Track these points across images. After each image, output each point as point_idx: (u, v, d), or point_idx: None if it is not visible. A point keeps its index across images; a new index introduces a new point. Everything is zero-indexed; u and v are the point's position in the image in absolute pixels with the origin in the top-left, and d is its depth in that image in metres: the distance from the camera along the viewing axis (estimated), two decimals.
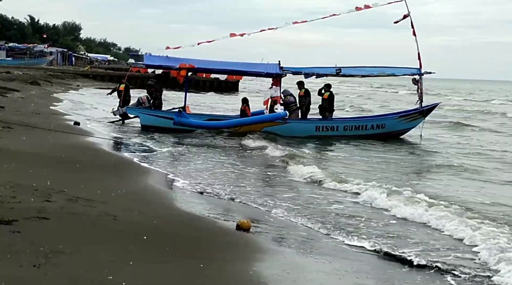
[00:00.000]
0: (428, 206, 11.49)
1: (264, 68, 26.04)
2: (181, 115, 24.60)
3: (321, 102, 26.53)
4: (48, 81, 52.12)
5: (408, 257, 8.48)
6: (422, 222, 10.81)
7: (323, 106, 26.32)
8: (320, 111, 26.59)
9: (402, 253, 8.73)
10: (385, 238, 9.65)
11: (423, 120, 25.79)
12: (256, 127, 24.68)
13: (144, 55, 28.84)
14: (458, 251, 9.13)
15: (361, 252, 8.90)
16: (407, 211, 11.39)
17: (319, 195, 13.06)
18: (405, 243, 9.42)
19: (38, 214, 8.09)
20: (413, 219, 11.00)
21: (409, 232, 10.20)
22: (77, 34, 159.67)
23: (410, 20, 25.24)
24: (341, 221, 10.70)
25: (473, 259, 8.68)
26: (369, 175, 15.81)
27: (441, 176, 16.30)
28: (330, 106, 26.17)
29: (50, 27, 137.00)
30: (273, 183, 14.53)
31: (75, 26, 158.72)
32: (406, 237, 9.87)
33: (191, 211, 10.48)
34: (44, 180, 10.55)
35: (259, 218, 10.52)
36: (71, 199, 9.43)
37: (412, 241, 9.60)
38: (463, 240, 9.61)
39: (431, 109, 26.36)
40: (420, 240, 9.67)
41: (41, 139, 16.68)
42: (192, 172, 15.26)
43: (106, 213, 8.82)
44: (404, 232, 10.17)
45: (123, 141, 20.99)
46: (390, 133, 25.42)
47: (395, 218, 11.13)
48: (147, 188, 12.23)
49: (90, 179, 11.78)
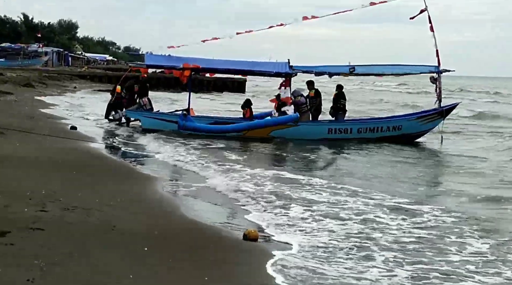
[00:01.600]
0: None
1: (273, 67, 26.05)
2: (186, 119, 24.63)
3: (333, 103, 26.56)
4: (43, 83, 52.22)
5: None
6: None
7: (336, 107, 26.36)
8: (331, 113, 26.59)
9: None
10: None
11: (442, 121, 25.70)
12: (264, 131, 24.65)
13: (145, 55, 28.84)
14: None
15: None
16: None
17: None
18: None
19: (33, 224, 8.12)
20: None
21: None
22: (74, 32, 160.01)
23: (428, 15, 25.18)
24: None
25: None
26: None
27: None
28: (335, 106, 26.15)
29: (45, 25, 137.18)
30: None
31: (71, 24, 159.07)
32: None
33: (195, 219, 10.47)
34: (39, 188, 10.58)
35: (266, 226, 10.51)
36: (67, 208, 9.46)
37: None
38: None
39: (451, 109, 26.25)
40: None
41: (36, 144, 16.72)
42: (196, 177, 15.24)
43: (104, 222, 8.84)
44: None
45: (122, 145, 20.99)
46: (407, 136, 25.31)
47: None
48: (147, 195, 12.24)
49: (87, 186, 11.80)
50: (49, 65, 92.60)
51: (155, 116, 25.75)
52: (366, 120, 28.09)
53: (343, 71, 26.27)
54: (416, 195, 13.78)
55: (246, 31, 27.61)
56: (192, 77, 26.39)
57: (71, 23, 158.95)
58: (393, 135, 25.15)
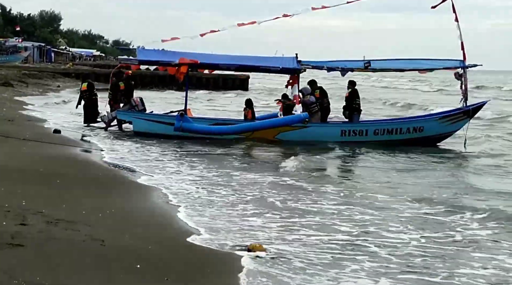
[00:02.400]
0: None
1: (280, 62, 25.96)
2: (183, 119, 24.54)
3: (345, 102, 26.41)
4: (23, 82, 52.31)
5: None
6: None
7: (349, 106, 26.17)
8: (344, 113, 26.45)
9: None
10: None
11: (468, 121, 25.62)
12: (270, 132, 24.56)
13: (137, 49, 28.79)
14: None
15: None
16: None
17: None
18: None
19: (12, 240, 8.11)
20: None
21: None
22: (57, 25, 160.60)
23: (452, 3, 25.14)
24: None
25: None
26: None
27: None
28: (349, 105, 26.01)
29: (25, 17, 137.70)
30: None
31: (54, 16, 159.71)
32: None
33: (193, 232, 10.46)
34: (19, 199, 10.58)
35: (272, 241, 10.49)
36: (50, 221, 9.45)
37: None
38: None
39: (478, 108, 26.16)
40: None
41: (15, 150, 16.72)
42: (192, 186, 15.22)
43: (92, 237, 8.83)
44: None
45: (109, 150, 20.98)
46: (430, 138, 25.25)
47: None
48: (139, 206, 12.23)
49: (72, 196, 11.80)
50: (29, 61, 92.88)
51: (148, 118, 25.67)
52: (384, 121, 28.01)
53: (357, 66, 26.20)
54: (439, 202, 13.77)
55: (249, 22, 27.62)
56: (190, 75, 26.32)
57: (54, 15, 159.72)
58: (414, 137, 25.08)
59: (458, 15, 25.22)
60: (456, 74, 25.61)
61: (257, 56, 27.23)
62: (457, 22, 25.23)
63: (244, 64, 26.65)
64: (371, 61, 25.96)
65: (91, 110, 27.77)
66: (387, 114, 37.93)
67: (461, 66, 25.42)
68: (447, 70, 26.64)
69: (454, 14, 25.22)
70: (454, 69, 25.75)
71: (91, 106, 27.85)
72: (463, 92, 25.51)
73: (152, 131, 24.87)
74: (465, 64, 25.37)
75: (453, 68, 25.81)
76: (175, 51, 26.59)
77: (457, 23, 25.23)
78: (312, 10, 27.29)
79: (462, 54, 25.26)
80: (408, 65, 26.71)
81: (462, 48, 25.21)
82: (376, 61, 26.31)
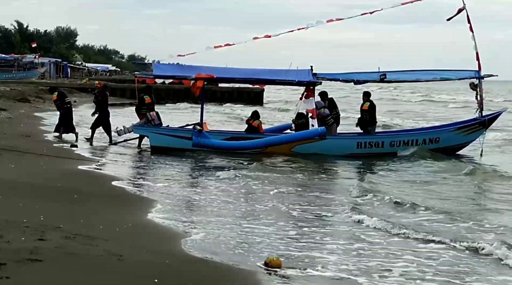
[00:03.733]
0: None
1: (295, 75, 25.87)
2: (201, 135, 24.48)
3: (361, 114, 26.35)
4: (40, 98, 52.52)
5: None
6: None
7: (363, 118, 26.09)
8: (360, 125, 26.35)
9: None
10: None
11: (484, 132, 25.53)
12: (286, 146, 24.51)
13: (153, 64, 28.83)
14: None
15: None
16: None
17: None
18: None
19: (30, 255, 8.12)
20: None
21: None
22: (73, 41, 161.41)
23: (466, 14, 25.08)
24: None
25: None
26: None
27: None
28: (371, 119, 25.95)
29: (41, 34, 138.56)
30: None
31: (70, 31, 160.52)
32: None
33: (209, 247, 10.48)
34: (37, 215, 10.62)
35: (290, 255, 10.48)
36: (68, 236, 9.47)
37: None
38: None
39: (494, 118, 26.06)
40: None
41: (33, 166, 16.81)
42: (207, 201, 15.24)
43: (109, 252, 8.84)
44: None
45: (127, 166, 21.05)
46: (446, 148, 25.15)
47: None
48: (156, 221, 12.23)
49: (90, 211, 11.84)
50: (46, 77, 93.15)
51: (165, 132, 25.62)
52: (400, 133, 27.94)
53: (373, 78, 26.12)
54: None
55: (264, 35, 27.63)
56: (205, 88, 26.30)
57: (70, 31, 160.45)
58: (429, 148, 25.00)
59: (472, 26, 25.17)
60: (471, 84, 25.52)
61: (272, 69, 27.19)
62: (472, 32, 25.17)
63: (260, 77, 26.61)
64: (386, 72, 25.89)
65: (66, 119, 27.25)
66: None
67: (477, 77, 25.33)
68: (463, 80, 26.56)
69: (469, 25, 25.17)
70: (470, 80, 25.69)
71: (65, 115, 27.34)
72: (479, 103, 25.42)
73: (169, 146, 24.84)
74: (481, 75, 25.29)
75: (468, 78, 25.75)
76: (190, 65, 26.57)
77: (472, 33, 25.18)
78: (326, 23, 27.24)
79: (478, 65, 25.18)
80: (424, 76, 26.65)
81: (477, 58, 25.12)
82: (392, 72, 26.25)
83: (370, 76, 26.27)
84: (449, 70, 26.65)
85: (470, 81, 25.64)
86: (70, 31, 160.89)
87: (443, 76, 26.60)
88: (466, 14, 25.06)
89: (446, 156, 24.20)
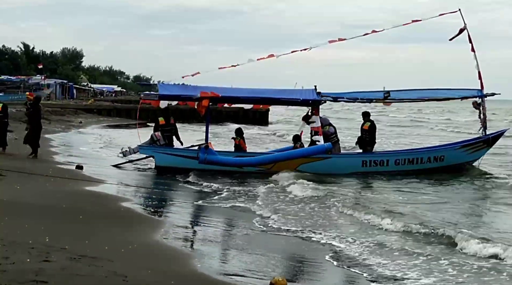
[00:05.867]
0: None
1: (299, 95, 25.92)
2: (207, 151, 24.54)
3: (361, 134, 26.37)
4: (46, 119, 52.36)
5: None
6: None
7: (363, 138, 26.12)
8: (360, 144, 26.41)
9: None
10: None
11: (487, 150, 25.58)
12: (292, 164, 24.48)
13: (158, 85, 28.83)
14: None
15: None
16: None
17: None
18: None
19: (36, 277, 8.12)
20: None
21: None
22: (79, 62, 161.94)
23: (468, 34, 25.14)
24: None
25: None
26: None
27: None
28: (371, 139, 25.99)
29: (47, 55, 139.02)
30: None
31: (76, 53, 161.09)
32: None
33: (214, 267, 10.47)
34: (42, 236, 10.61)
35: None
36: (73, 257, 9.46)
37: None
38: None
39: (498, 137, 26.10)
40: None
41: (38, 187, 16.82)
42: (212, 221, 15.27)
43: (115, 273, 8.83)
44: None
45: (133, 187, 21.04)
46: (450, 167, 25.16)
47: None
48: (160, 242, 12.23)
49: (95, 232, 11.83)
50: (52, 98, 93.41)
51: (170, 152, 25.65)
52: (404, 151, 27.94)
53: (377, 97, 26.13)
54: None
55: (268, 56, 27.71)
56: (210, 108, 26.32)
57: (76, 52, 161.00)
58: (434, 167, 25.00)
59: (474, 46, 25.19)
60: (474, 103, 25.57)
61: (277, 89, 27.29)
62: (473, 52, 25.22)
63: (265, 97, 26.62)
64: (390, 91, 25.91)
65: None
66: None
67: (479, 96, 25.37)
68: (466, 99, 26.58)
69: (471, 45, 25.23)
70: (472, 98, 25.71)
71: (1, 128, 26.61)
72: (482, 121, 25.46)
73: (175, 165, 24.86)
74: (483, 93, 25.32)
75: (471, 97, 25.77)
76: (196, 85, 26.69)
77: (474, 53, 25.22)
78: (329, 43, 27.36)
79: (480, 84, 25.22)
80: (427, 95, 26.70)
81: (480, 77, 25.18)
82: (395, 91, 26.27)
83: (374, 95, 26.29)
84: (452, 89, 26.65)
85: (473, 100, 25.68)
86: (76, 52, 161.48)
87: (446, 95, 26.65)
88: (467, 34, 25.14)
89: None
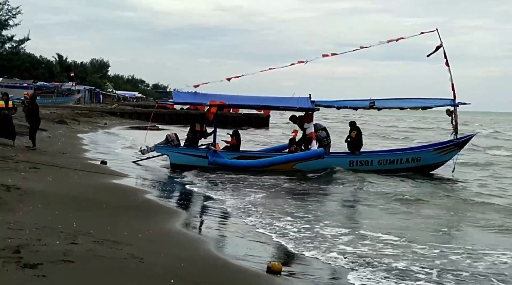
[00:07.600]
0: None
1: (296, 102, 26.09)
2: (216, 154, 24.83)
3: (350, 139, 26.49)
4: (75, 120, 52.62)
5: None
6: None
7: (352, 142, 26.32)
8: (349, 147, 26.50)
9: None
10: None
11: (458, 152, 25.66)
12: (288, 165, 24.76)
13: (173, 92, 28.98)
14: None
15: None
16: None
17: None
18: None
19: (64, 257, 8.11)
20: None
21: None
22: (105, 71, 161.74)
23: (443, 51, 25.20)
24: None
25: None
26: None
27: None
28: (358, 144, 26.24)
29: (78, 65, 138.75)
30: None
31: (103, 63, 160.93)
32: None
33: (219, 253, 10.48)
34: (70, 222, 10.61)
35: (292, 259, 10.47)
36: (97, 241, 9.46)
37: None
38: None
39: (467, 141, 26.22)
40: None
41: (68, 179, 16.81)
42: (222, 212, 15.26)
43: (132, 255, 8.82)
44: None
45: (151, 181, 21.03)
46: (426, 167, 25.28)
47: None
48: (174, 229, 12.23)
49: (116, 220, 11.82)
50: (81, 102, 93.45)
51: (183, 152, 25.76)
52: (386, 152, 27.97)
53: (363, 105, 26.20)
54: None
55: (269, 68, 27.86)
56: (218, 114, 26.49)
57: (103, 63, 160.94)
58: (412, 166, 25.11)
59: (449, 61, 25.21)
60: (447, 111, 25.61)
61: (277, 97, 27.44)
62: (448, 66, 25.25)
63: (266, 104, 26.71)
64: (375, 100, 25.98)
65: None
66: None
67: (452, 104, 25.42)
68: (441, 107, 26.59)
69: (445, 60, 25.27)
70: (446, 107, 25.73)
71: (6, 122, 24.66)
72: (454, 127, 25.53)
73: (187, 163, 25.01)
74: (455, 103, 25.38)
75: (445, 106, 25.79)
76: (205, 93, 26.87)
77: (448, 67, 25.26)
78: (322, 57, 27.39)
79: (453, 94, 25.27)
80: (407, 104, 26.67)
81: (453, 88, 25.25)
82: (380, 100, 26.32)
83: (361, 104, 26.37)
84: (429, 98, 26.67)
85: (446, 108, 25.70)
86: (103, 62, 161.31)
87: (423, 104, 26.61)
88: (443, 51, 25.20)
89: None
